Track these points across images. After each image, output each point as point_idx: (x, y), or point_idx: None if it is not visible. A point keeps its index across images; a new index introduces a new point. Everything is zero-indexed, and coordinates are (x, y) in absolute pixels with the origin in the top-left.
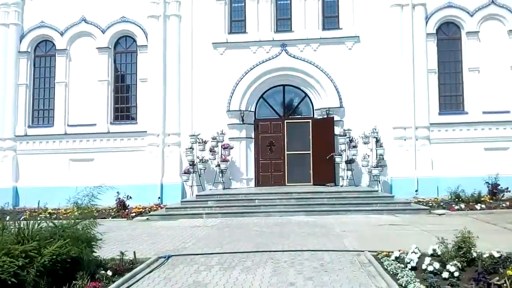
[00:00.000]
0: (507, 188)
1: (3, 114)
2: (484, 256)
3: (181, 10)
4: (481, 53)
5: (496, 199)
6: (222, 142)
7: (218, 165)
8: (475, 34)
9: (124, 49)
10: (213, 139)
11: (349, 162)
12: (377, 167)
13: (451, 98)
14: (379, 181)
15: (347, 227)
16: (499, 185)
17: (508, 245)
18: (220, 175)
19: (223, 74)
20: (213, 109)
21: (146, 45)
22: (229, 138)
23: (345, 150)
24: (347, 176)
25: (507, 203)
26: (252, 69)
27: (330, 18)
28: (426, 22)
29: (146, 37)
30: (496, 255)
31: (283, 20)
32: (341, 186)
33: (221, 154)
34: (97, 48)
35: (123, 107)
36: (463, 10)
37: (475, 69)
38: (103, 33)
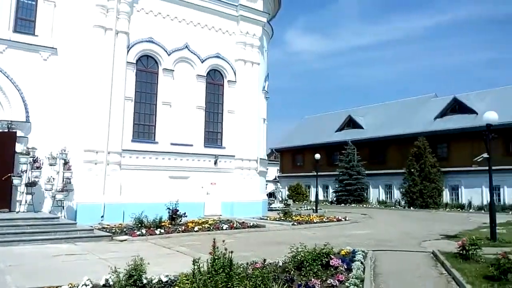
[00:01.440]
0: (185, 213)
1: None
2: (154, 281)
3: None
4: (174, 90)
5: (175, 223)
6: None
7: None
8: (170, 72)
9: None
10: None
11: (30, 185)
12: (63, 191)
13: (144, 127)
14: (63, 206)
15: (17, 260)
16: (178, 210)
17: (178, 267)
18: None
19: None
20: None
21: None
22: None
23: (26, 171)
24: (26, 201)
25: (183, 227)
26: None
27: (25, 21)
28: (128, 51)
29: None
30: (164, 279)
31: None
32: (17, 212)
33: None
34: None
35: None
36: (162, 48)
37: (167, 103)
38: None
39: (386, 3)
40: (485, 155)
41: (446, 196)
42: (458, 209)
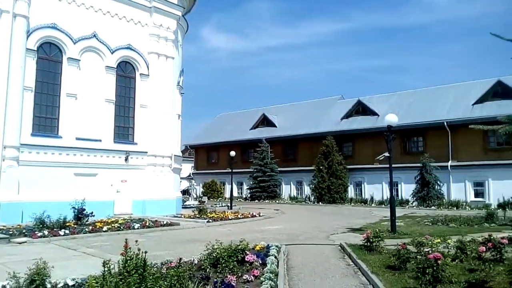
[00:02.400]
0: (92, 212)
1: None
2: (59, 286)
3: None
4: (81, 81)
5: (81, 223)
6: None
7: None
8: (76, 61)
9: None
10: None
11: None
12: None
13: (46, 120)
14: None
15: None
16: (84, 209)
17: (86, 270)
18: None
19: None
20: None
21: None
22: None
23: None
24: None
25: (91, 227)
26: None
27: None
28: (28, 37)
29: None
30: (71, 283)
31: None
32: None
33: None
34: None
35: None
36: (67, 36)
37: (73, 95)
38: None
39: (294, 8)
40: (386, 154)
41: (351, 192)
42: (362, 203)
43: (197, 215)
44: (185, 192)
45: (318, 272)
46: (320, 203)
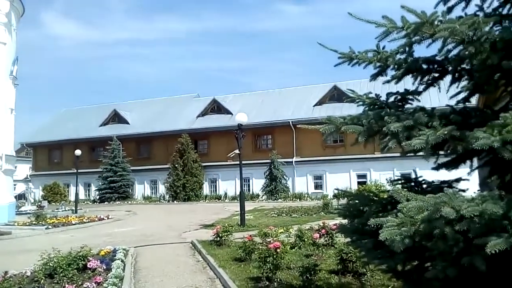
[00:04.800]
0: None
1: None
2: None
3: None
4: None
5: None
6: None
7: None
8: None
9: None
10: None
11: None
12: None
13: None
14: None
15: None
16: None
17: None
18: None
19: None
20: None
21: None
22: None
23: None
24: None
25: None
26: None
27: None
28: None
29: None
30: None
31: None
32: None
33: None
34: None
35: None
36: None
37: None
38: None
39: (148, 2)
40: (237, 151)
41: (206, 189)
42: (216, 200)
43: (34, 222)
44: (21, 196)
45: (167, 272)
46: (175, 201)
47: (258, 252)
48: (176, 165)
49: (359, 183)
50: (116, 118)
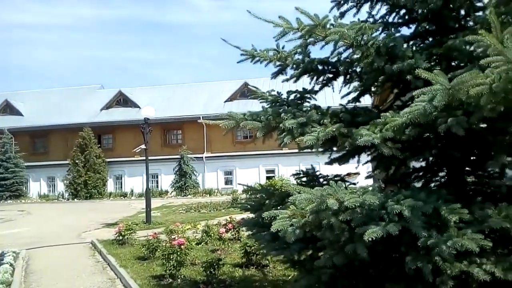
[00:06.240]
0: None
1: None
2: None
3: None
4: None
5: None
6: None
7: None
8: None
9: None
10: None
11: None
12: None
13: None
14: None
15: None
16: None
17: None
18: None
19: None
20: None
21: None
22: None
23: None
24: None
25: None
26: None
27: None
28: None
29: None
30: None
31: None
32: None
33: None
34: None
35: None
36: None
37: None
38: None
39: None
40: (143, 146)
41: (110, 186)
42: (122, 197)
43: None
44: None
45: (62, 274)
46: (75, 199)
47: (162, 250)
48: (77, 161)
49: (267, 178)
50: (7, 109)
